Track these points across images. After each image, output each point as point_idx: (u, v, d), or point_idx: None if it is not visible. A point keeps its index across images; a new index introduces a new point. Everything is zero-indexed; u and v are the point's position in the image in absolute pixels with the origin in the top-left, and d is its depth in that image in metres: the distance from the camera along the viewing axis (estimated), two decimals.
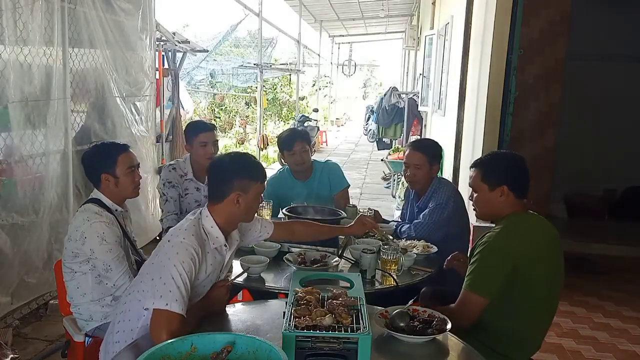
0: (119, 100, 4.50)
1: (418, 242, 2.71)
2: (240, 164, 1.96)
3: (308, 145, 3.38)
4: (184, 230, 1.84)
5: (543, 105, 4.29)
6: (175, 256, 1.75)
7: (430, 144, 3.12)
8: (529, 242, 2.05)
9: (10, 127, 3.31)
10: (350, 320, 1.55)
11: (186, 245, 1.78)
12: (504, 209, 2.11)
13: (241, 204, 1.91)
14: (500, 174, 2.11)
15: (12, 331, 3.24)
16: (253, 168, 1.97)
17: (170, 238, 1.83)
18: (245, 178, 1.92)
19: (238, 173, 1.92)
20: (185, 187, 3.35)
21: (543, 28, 4.18)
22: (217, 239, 1.91)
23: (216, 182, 1.95)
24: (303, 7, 12.76)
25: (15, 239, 3.37)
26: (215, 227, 1.91)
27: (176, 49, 6.15)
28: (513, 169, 2.15)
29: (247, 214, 1.99)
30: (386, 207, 6.99)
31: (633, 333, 3.70)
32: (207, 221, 1.91)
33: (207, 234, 1.89)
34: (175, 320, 1.68)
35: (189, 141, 3.30)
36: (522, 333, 2.08)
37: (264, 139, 10.27)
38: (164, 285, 1.71)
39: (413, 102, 8.99)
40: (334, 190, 3.45)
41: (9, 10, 3.18)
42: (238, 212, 1.93)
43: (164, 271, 1.73)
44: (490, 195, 2.12)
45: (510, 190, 2.09)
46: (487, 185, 2.12)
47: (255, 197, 1.97)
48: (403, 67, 17.01)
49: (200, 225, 1.89)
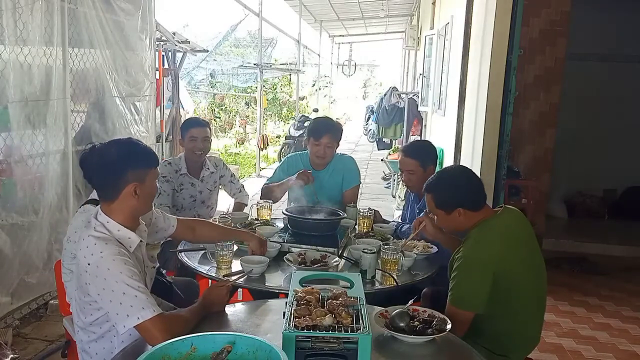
0: (119, 100, 4.51)
1: (418, 242, 2.71)
2: (130, 152, 1.81)
3: (336, 143, 3.34)
4: (94, 245, 1.69)
5: (543, 105, 4.30)
6: (110, 272, 1.65)
7: (421, 147, 3.11)
8: (504, 247, 2.05)
9: (10, 127, 3.32)
10: (350, 320, 1.55)
11: (110, 255, 1.67)
12: (468, 223, 2.13)
13: (140, 195, 1.78)
14: (452, 199, 2.12)
15: (12, 331, 3.24)
16: (145, 154, 1.83)
17: (90, 260, 1.68)
18: (140, 167, 1.79)
19: (131, 163, 1.78)
20: (180, 183, 3.39)
21: (543, 28, 4.19)
22: (130, 239, 1.79)
23: (106, 178, 1.79)
24: (303, 7, 12.76)
25: (15, 239, 3.38)
26: (122, 228, 1.78)
27: (176, 49, 6.16)
28: (462, 189, 2.14)
29: (146, 205, 1.87)
30: (386, 207, 6.98)
31: (633, 333, 3.70)
32: (110, 226, 1.77)
33: (117, 239, 1.75)
34: (156, 323, 1.63)
35: (182, 136, 3.39)
36: (517, 332, 2.09)
37: (264, 139, 10.26)
38: (121, 304, 1.63)
39: (413, 102, 8.99)
40: (345, 186, 3.39)
41: (9, 10, 3.18)
42: (138, 204, 1.80)
43: (114, 291, 1.64)
44: (449, 217, 2.14)
45: (467, 209, 2.11)
46: (443, 210, 2.15)
47: (152, 184, 1.85)
48: (403, 67, 17.00)
49: (104, 232, 1.75)
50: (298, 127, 11.09)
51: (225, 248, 2.33)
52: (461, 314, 1.99)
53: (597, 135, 6.42)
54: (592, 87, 6.29)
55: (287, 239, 2.65)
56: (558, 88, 4.30)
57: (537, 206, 4.76)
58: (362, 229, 2.98)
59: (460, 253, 2.07)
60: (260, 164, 10.13)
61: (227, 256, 2.34)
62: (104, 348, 1.82)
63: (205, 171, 3.45)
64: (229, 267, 2.35)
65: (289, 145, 10.75)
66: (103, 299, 1.67)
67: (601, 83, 6.34)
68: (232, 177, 3.65)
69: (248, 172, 10.19)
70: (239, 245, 2.58)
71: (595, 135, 6.41)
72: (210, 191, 3.50)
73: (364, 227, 2.99)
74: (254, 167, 10.27)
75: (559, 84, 4.30)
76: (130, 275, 1.66)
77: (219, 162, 3.63)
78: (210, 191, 3.51)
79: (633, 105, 6.44)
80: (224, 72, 14.65)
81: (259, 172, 9.89)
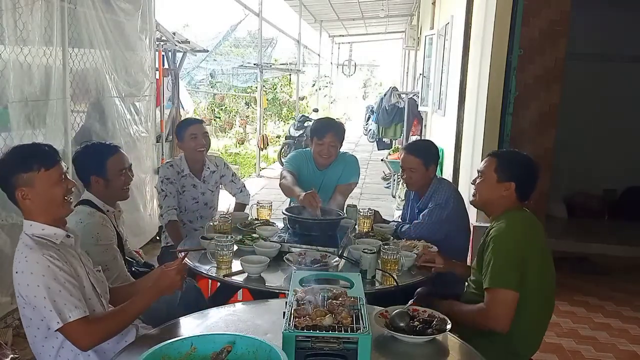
0: (118, 100, 4.50)
1: (418, 242, 2.71)
2: (11, 157, 1.76)
3: (339, 142, 3.34)
4: (20, 254, 1.70)
5: (543, 105, 4.29)
6: (35, 278, 1.64)
7: (424, 146, 3.11)
8: (531, 237, 2.08)
9: (10, 127, 3.31)
10: (350, 320, 1.55)
11: (35, 263, 1.65)
12: (501, 204, 2.15)
13: (32, 199, 1.73)
14: (514, 171, 2.15)
15: (12, 331, 3.24)
16: (26, 157, 1.74)
17: (17, 268, 1.68)
18: (20, 172, 1.71)
19: (9, 169, 1.73)
20: (183, 184, 3.38)
21: (543, 28, 4.18)
22: (56, 235, 1.78)
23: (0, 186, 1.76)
24: (303, 7, 12.75)
25: (15, 239, 3.34)
26: (46, 226, 1.76)
27: (176, 49, 6.15)
28: (527, 171, 2.17)
29: (50, 204, 1.77)
30: (386, 207, 6.99)
31: (633, 333, 3.70)
32: (34, 228, 1.76)
33: (44, 238, 1.75)
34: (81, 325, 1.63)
35: (180, 138, 3.38)
36: (530, 330, 2.10)
37: (264, 139, 10.27)
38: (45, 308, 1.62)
39: (413, 102, 8.99)
40: (342, 180, 3.38)
41: (9, 10, 3.18)
42: (38, 206, 1.75)
43: (35, 298, 1.64)
44: (496, 186, 2.15)
45: (516, 190, 2.13)
46: (498, 176, 2.15)
47: (48, 186, 1.74)
48: (403, 67, 17.00)
49: (31, 237, 1.74)
50: (298, 127, 11.09)
51: (225, 248, 2.33)
52: (506, 295, 1.93)
53: (597, 135, 6.41)
54: (592, 87, 6.29)
55: (287, 239, 2.65)
56: (558, 88, 4.29)
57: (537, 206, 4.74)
58: (362, 229, 2.98)
59: (493, 232, 2.07)
60: (260, 164, 10.13)
61: (227, 256, 2.35)
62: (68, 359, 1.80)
63: (206, 171, 3.45)
64: (229, 267, 2.36)
65: (289, 145, 10.75)
66: (33, 303, 1.66)
67: (601, 83, 6.34)
68: (234, 176, 3.64)
69: (248, 172, 10.20)
70: (239, 245, 2.59)
71: (595, 135, 6.41)
72: (212, 192, 3.49)
73: (364, 227, 2.99)
74: (254, 167, 10.27)
75: (559, 84, 4.29)
76: (53, 276, 1.65)
77: (220, 161, 3.62)
78: (212, 192, 3.50)
79: (633, 105, 6.43)
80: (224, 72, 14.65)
81: (259, 172, 9.89)
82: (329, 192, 3.29)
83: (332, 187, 3.35)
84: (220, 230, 2.77)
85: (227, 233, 2.74)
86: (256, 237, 2.68)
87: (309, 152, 3.44)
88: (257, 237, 2.67)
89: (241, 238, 2.66)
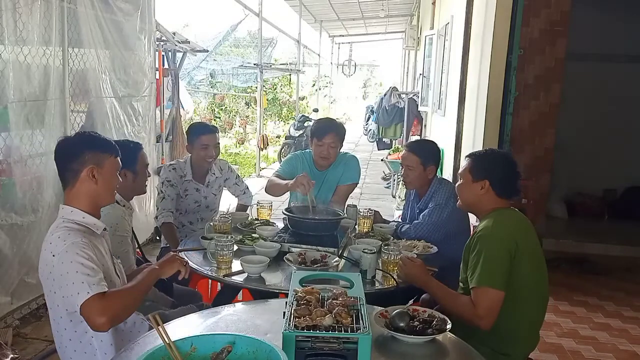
0: (117, 100, 4.50)
1: (418, 242, 2.71)
2: (89, 138, 1.87)
3: (339, 143, 3.31)
4: (57, 238, 1.71)
5: (543, 105, 4.30)
6: (68, 256, 1.66)
7: (426, 145, 3.11)
8: (518, 233, 2.08)
9: (9, 127, 3.32)
10: (350, 320, 1.55)
11: (71, 244, 1.68)
12: (484, 203, 2.16)
13: (98, 179, 1.81)
14: (486, 169, 2.17)
15: (12, 331, 3.24)
16: (103, 141, 1.88)
17: (54, 251, 1.69)
18: (97, 150, 1.83)
19: (87, 146, 1.82)
20: (185, 188, 3.36)
21: (543, 28, 4.18)
22: (95, 225, 1.83)
23: (65, 162, 1.81)
24: (303, 7, 12.76)
25: (15, 239, 3.37)
26: (86, 215, 1.80)
27: (176, 49, 6.15)
28: (500, 167, 2.18)
29: (106, 192, 1.86)
30: (386, 207, 6.98)
31: (633, 333, 3.70)
32: (75, 215, 1.79)
33: (84, 225, 1.79)
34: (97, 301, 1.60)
35: (190, 142, 3.32)
36: (521, 329, 2.09)
37: (264, 139, 10.27)
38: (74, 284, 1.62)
39: (413, 102, 8.99)
40: (342, 181, 3.35)
41: (9, 10, 3.18)
42: (97, 189, 1.81)
43: (67, 274, 1.64)
44: (472, 186, 2.18)
45: (491, 187, 2.14)
46: (472, 175, 2.18)
47: (111, 173, 1.86)
48: (403, 67, 17.01)
49: (71, 222, 1.77)
50: (298, 127, 11.10)
51: (226, 248, 2.33)
52: (492, 294, 1.95)
53: (597, 135, 6.41)
54: (592, 87, 6.29)
55: (287, 239, 2.65)
56: (558, 88, 4.30)
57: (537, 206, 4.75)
58: (362, 229, 2.97)
59: (479, 232, 2.07)
60: (260, 164, 10.13)
61: (227, 256, 2.34)
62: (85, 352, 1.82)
63: (211, 176, 3.43)
64: (229, 267, 2.35)
65: (289, 145, 10.75)
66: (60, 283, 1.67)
67: (601, 83, 6.34)
68: (237, 178, 3.62)
69: (248, 172, 10.19)
70: (239, 245, 2.58)
71: (595, 135, 6.41)
72: (215, 195, 3.49)
73: (364, 227, 2.99)
74: (254, 167, 10.27)
75: (559, 84, 4.29)
76: (86, 257, 1.66)
77: (224, 165, 3.59)
78: (215, 195, 3.49)
79: (633, 105, 6.43)
80: (224, 72, 14.63)
81: (259, 172, 9.89)
82: (329, 193, 3.28)
83: (333, 188, 3.34)
84: (220, 230, 2.77)
85: (227, 233, 2.73)
86: (256, 237, 2.68)
87: (308, 153, 3.43)
88: (257, 237, 2.67)
89: (241, 238, 2.66)
